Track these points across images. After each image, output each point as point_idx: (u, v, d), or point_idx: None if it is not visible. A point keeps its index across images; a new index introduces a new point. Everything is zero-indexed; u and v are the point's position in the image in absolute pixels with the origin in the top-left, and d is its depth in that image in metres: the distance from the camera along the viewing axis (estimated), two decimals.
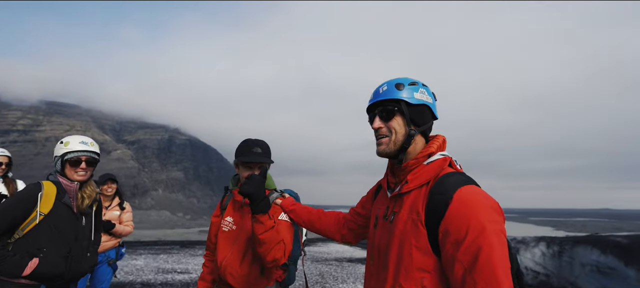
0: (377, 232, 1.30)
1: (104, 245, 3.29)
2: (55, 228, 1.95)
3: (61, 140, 2.08)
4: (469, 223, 1.00)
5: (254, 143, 1.86)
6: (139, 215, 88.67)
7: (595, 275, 8.50)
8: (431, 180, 1.15)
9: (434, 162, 1.17)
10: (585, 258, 8.81)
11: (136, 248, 11.71)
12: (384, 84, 1.27)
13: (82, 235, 2.08)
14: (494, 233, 0.99)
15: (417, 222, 1.11)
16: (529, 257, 10.23)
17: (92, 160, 2.09)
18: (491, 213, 1.02)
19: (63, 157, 2.02)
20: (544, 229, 66.53)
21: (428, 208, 1.10)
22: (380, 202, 1.37)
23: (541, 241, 10.32)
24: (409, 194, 1.18)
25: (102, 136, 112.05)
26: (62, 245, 1.97)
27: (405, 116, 1.21)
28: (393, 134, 1.22)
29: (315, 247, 12.39)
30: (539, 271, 10.02)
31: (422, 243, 1.08)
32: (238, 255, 1.85)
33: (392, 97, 1.22)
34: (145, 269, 7.83)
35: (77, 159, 2.02)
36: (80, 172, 2.04)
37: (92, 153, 2.09)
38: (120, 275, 7.11)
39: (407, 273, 1.10)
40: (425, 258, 1.08)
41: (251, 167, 1.84)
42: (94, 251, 2.18)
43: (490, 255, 0.95)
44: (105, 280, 3.29)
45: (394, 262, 1.15)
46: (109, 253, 3.34)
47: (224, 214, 1.99)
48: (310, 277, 7.46)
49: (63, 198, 2.01)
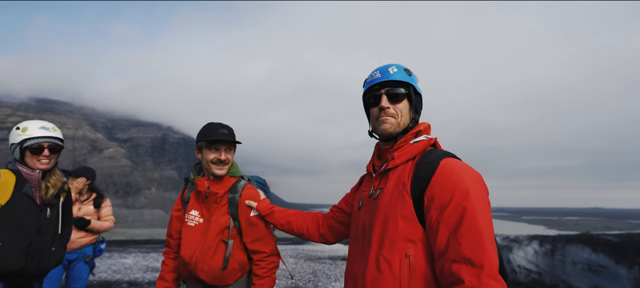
0: (361, 212, 1.28)
1: (79, 242, 3.13)
2: (13, 220, 1.79)
3: (18, 126, 1.92)
4: (454, 187, 1.01)
5: (219, 125, 1.78)
6: (133, 214, 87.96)
7: (587, 273, 8.56)
8: (417, 155, 1.18)
9: (420, 141, 1.21)
10: (576, 257, 8.88)
11: (127, 246, 11.52)
12: (391, 65, 1.26)
13: (46, 228, 1.91)
14: (479, 198, 1.00)
15: (402, 192, 1.11)
16: (522, 255, 10.29)
17: (55, 146, 1.93)
18: (476, 181, 1.04)
19: (22, 144, 1.87)
20: (537, 228, 67.28)
21: (414, 178, 1.11)
22: (365, 186, 1.36)
23: (534, 240, 10.38)
24: (395, 169, 1.19)
25: (94, 134, 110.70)
26: (21, 239, 1.80)
27: (412, 101, 1.24)
28: (399, 116, 1.23)
29: (309, 246, 12.32)
30: (531, 269, 10.09)
31: (408, 212, 1.08)
32: (209, 249, 1.75)
33: (402, 79, 1.23)
34: (134, 268, 7.67)
35: (38, 146, 1.87)
36: (43, 160, 1.89)
37: (54, 139, 1.93)
38: (108, 274, 6.95)
39: (392, 244, 1.08)
40: (411, 226, 1.07)
41: (218, 148, 1.75)
42: (60, 245, 2.02)
43: (474, 217, 0.96)
44: (81, 279, 3.13)
45: (378, 235, 1.13)
46: (85, 250, 3.18)
47: (188, 208, 1.87)
48: (303, 276, 7.39)
49: (23, 188, 1.85)
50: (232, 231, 1.78)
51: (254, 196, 1.83)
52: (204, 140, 1.74)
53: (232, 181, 1.84)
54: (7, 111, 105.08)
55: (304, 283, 6.72)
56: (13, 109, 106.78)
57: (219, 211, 1.79)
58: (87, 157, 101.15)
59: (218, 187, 1.80)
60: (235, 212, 1.79)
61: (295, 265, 8.68)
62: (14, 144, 1.88)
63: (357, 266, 1.22)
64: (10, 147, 1.91)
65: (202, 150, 1.78)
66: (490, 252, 0.93)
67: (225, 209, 1.79)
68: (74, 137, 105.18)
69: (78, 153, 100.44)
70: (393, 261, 1.06)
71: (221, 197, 1.80)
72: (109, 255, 9.15)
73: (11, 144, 1.90)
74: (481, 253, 0.93)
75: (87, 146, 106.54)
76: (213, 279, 1.76)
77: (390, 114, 1.22)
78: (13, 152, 1.90)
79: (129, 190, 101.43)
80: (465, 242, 0.94)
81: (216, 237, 1.77)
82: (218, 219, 1.78)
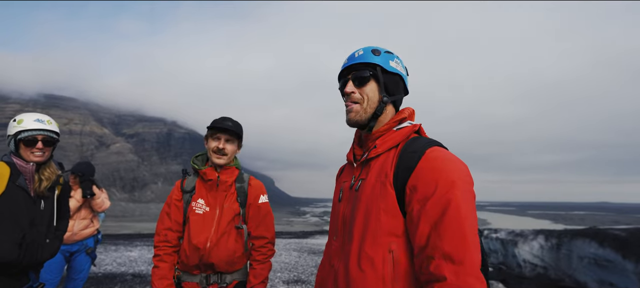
0: (341, 204, 1.20)
1: (81, 234, 3.16)
2: (7, 211, 1.79)
3: (14, 118, 1.91)
4: (438, 178, 0.94)
5: (227, 118, 1.94)
6: (139, 208, 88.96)
7: (593, 268, 8.46)
8: (401, 143, 1.09)
9: (404, 128, 1.13)
10: (583, 251, 8.77)
11: (133, 240, 11.66)
12: (359, 49, 1.20)
13: (39, 220, 1.92)
14: (464, 191, 0.93)
15: (385, 183, 1.03)
16: (527, 249, 10.20)
17: (49, 139, 1.93)
18: (462, 173, 0.96)
19: (16, 136, 1.87)
20: (543, 222, 66.86)
21: (397, 167, 1.02)
22: (345, 176, 1.27)
23: (539, 234, 10.28)
24: (377, 159, 1.11)
25: (101, 129, 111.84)
26: (15, 231, 1.80)
27: (380, 82, 1.15)
28: (365, 101, 1.15)
29: (312, 240, 12.36)
30: (536, 263, 10.00)
31: (390, 205, 1.00)
32: (223, 235, 1.86)
33: (368, 60, 1.15)
34: (139, 261, 7.76)
35: (32, 138, 1.87)
36: (37, 152, 1.88)
37: (49, 132, 1.92)
38: (113, 266, 7.05)
39: (374, 239, 1.00)
40: (394, 221, 0.99)
41: (218, 138, 1.88)
42: (55, 238, 2.02)
43: (458, 210, 0.89)
44: (83, 270, 3.16)
45: (359, 230, 1.05)
46: (87, 242, 3.22)
47: (194, 197, 1.92)
48: (306, 269, 7.42)
49: (17, 180, 1.85)
50: (241, 218, 1.93)
51: (260, 186, 2.03)
52: (208, 128, 1.91)
53: (237, 172, 1.99)
54: (15, 107, 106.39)
55: (306, 277, 6.74)
56: (22, 105, 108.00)
57: (230, 199, 1.92)
58: (94, 152, 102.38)
59: (227, 175, 1.94)
60: (244, 200, 1.94)
61: (299, 258, 8.72)
62: (10, 136, 1.88)
63: (337, 262, 1.13)
64: (7, 139, 1.91)
65: (208, 139, 1.92)
66: (472, 248, 0.87)
67: (235, 197, 1.93)
68: (81, 133, 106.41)
69: (86, 149, 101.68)
70: (376, 257, 0.99)
71: (230, 185, 1.93)
72: (115, 249, 9.27)
73: (7, 135, 1.90)
74: (463, 250, 0.86)
75: (95, 141, 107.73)
76: (226, 265, 1.86)
77: (355, 99, 1.15)
78: (9, 143, 1.91)
79: (136, 184, 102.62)
80: (447, 237, 0.88)
81: (229, 224, 1.88)
82: (231, 206, 1.91)
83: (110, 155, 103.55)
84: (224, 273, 1.87)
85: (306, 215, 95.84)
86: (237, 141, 1.95)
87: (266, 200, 2.02)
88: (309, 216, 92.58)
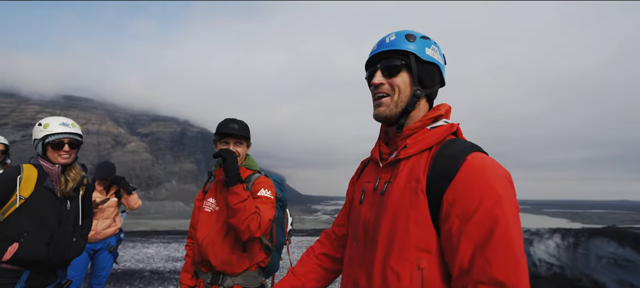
0: (363, 207, 1.05)
1: (104, 233, 3.29)
2: (36, 212, 1.89)
3: (40, 122, 2.01)
4: (482, 191, 0.80)
5: (231, 120, 1.95)
6: (155, 206, 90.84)
7: (612, 268, 8.22)
8: (435, 145, 0.94)
9: (439, 127, 0.97)
10: (601, 251, 8.53)
11: (149, 237, 11.93)
12: (391, 33, 1.03)
13: (66, 219, 2.01)
14: (512, 205, 0.80)
15: (416, 190, 0.88)
16: (543, 248, 10.00)
17: (74, 142, 2.02)
18: (507, 184, 0.83)
19: (43, 139, 1.96)
20: (559, 221, 65.10)
21: (431, 173, 0.88)
22: (368, 176, 1.11)
23: (556, 233, 10.04)
24: (408, 160, 0.96)
25: (117, 129, 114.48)
26: (44, 230, 1.90)
27: (413, 73, 0.98)
28: (396, 93, 0.99)
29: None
30: (552, 263, 9.79)
31: (422, 216, 0.86)
32: (220, 233, 1.86)
33: (400, 48, 0.98)
34: (156, 257, 7.96)
35: (59, 142, 1.96)
36: (63, 155, 1.98)
37: (74, 135, 2.02)
38: (131, 263, 7.25)
39: (401, 252, 0.87)
40: (424, 234, 0.86)
41: (227, 141, 1.92)
42: (80, 236, 2.12)
43: (507, 229, 0.77)
44: (106, 267, 3.30)
45: (384, 240, 0.92)
46: (109, 240, 3.35)
47: (206, 196, 2.01)
48: None
49: (44, 181, 1.94)
50: None
51: (265, 182, 1.95)
52: (215, 133, 1.94)
53: (248, 173, 1.98)
54: (36, 108, 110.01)
55: None
56: (42, 106, 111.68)
57: None
58: (110, 151, 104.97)
59: None
60: None
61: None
62: (37, 140, 1.98)
63: (357, 270, 1.01)
64: (33, 143, 2.01)
65: (216, 144, 1.95)
66: (524, 274, 0.76)
67: None
68: (98, 132, 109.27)
69: (102, 148, 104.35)
70: (402, 273, 0.86)
71: None
72: (132, 245, 9.51)
73: (34, 139, 2.00)
74: (515, 276, 0.75)
75: (111, 141, 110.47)
76: (222, 264, 1.84)
77: (384, 91, 1.00)
78: (36, 147, 2.00)
79: (151, 182, 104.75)
80: (497, 261, 0.76)
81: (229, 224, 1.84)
82: None
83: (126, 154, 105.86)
84: (224, 273, 1.85)
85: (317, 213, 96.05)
86: (246, 141, 1.98)
87: (267, 194, 1.90)
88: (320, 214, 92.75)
